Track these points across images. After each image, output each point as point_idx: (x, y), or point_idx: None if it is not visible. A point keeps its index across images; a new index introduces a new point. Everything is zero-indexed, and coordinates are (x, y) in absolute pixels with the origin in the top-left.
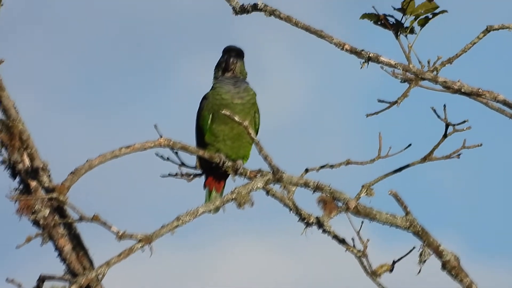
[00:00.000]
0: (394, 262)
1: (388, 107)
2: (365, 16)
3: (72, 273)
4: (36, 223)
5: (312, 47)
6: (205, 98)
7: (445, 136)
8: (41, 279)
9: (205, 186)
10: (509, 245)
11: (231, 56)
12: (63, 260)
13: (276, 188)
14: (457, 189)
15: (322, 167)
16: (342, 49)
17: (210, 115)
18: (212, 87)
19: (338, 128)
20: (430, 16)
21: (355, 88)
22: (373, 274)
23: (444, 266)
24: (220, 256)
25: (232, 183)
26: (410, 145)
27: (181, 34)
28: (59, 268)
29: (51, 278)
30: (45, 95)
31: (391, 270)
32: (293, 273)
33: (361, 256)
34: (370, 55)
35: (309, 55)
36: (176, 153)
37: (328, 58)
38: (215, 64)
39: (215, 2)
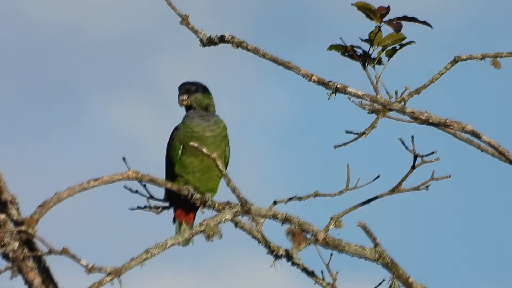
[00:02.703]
0: None
1: (356, 138)
2: (333, 47)
3: None
4: (5, 256)
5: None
6: (176, 129)
7: (413, 167)
8: None
9: (174, 219)
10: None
11: (180, 94)
12: None
13: (244, 220)
14: (427, 220)
15: (290, 199)
16: (310, 80)
17: (181, 146)
18: (182, 120)
19: (304, 160)
20: (398, 47)
21: (321, 120)
22: None
23: None
24: None
25: (201, 215)
26: (378, 176)
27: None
28: None
29: None
30: None
31: None
32: None
33: None
34: (338, 86)
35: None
36: (145, 185)
37: (294, 89)
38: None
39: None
